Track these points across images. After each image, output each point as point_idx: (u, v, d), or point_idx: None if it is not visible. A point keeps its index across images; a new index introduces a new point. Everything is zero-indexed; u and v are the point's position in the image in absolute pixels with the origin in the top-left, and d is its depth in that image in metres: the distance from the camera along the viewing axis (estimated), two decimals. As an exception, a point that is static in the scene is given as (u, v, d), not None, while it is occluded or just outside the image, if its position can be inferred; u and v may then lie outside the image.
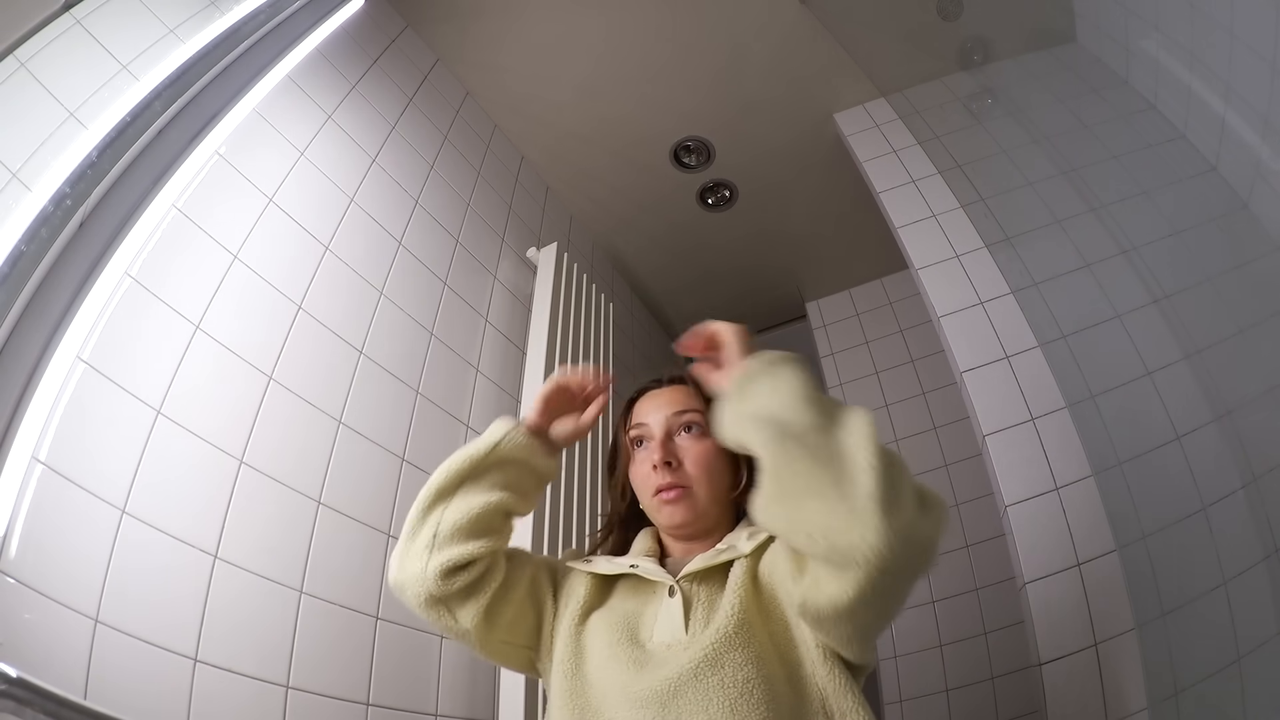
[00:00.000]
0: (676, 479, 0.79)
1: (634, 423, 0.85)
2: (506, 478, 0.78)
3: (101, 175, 0.91)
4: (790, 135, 2.24)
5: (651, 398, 0.86)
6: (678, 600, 0.73)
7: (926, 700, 1.94)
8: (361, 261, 1.39)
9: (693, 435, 0.82)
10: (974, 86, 1.98)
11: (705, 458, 0.80)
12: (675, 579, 0.75)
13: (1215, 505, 1.17)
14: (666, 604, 0.73)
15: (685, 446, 0.81)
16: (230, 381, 1.05)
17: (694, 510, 0.79)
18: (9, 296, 0.77)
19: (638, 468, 0.84)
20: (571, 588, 0.80)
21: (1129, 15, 1.44)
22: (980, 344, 1.57)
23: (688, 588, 0.74)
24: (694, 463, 0.80)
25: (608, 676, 0.69)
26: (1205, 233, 1.31)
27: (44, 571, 0.76)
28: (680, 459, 0.81)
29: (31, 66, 0.94)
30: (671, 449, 0.81)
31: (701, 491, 0.79)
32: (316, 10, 1.36)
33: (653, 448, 0.81)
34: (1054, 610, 1.28)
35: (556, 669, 0.74)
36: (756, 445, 0.61)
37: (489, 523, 0.74)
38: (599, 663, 0.70)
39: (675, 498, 0.79)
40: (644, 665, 0.68)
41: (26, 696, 0.58)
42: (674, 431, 0.82)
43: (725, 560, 0.74)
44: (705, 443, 0.81)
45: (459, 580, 0.71)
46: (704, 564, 0.74)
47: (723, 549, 0.75)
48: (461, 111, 1.94)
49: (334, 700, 1.02)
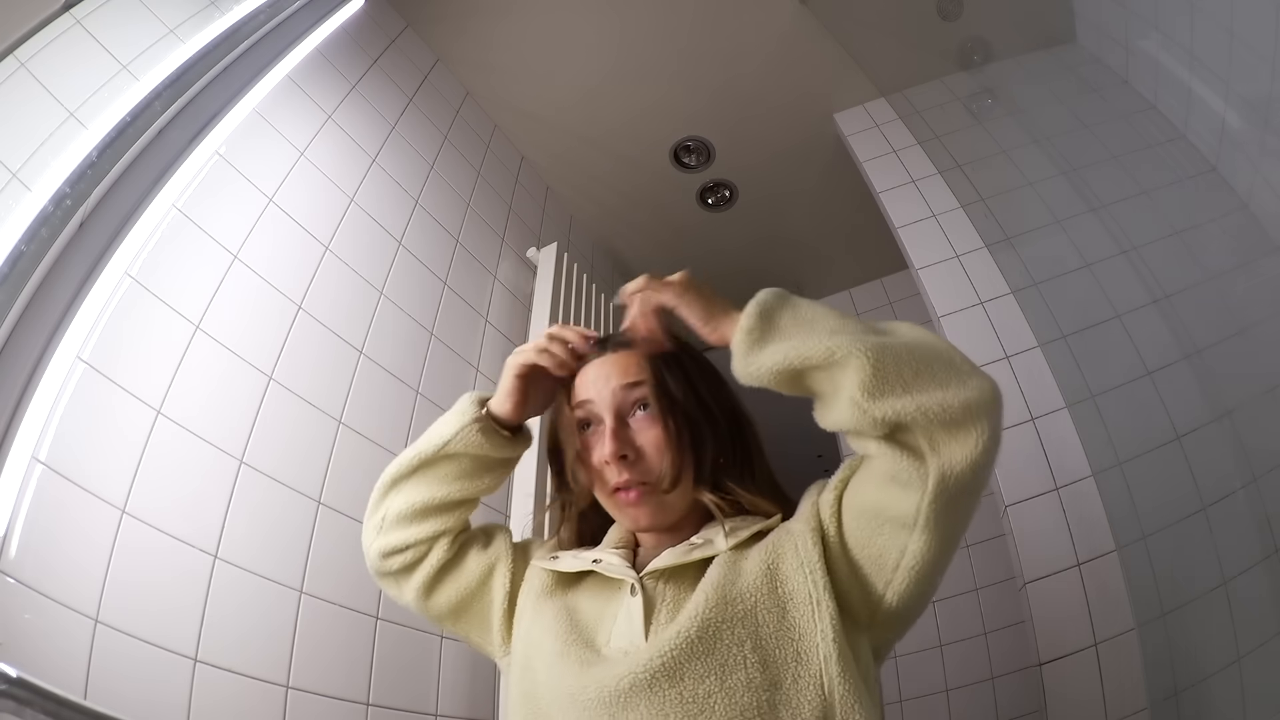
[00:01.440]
0: (636, 474, 0.68)
1: (577, 399, 0.73)
2: (460, 469, 0.75)
3: (101, 175, 0.91)
4: (790, 135, 2.24)
5: (595, 367, 0.74)
6: (639, 600, 0.64)
7: (926, 700, 1.94)
8: (361, 261, 1.39)
9: (649, 414, 0.70)
10: (974, 86, 1.98)
11: (662, 440, 0.69)
12: (638, 576, 0.66)
13: (1215, 505, 1.17)
14: (627, 604, 0.65)
15: (640, 429, 0.70)
16: (230, 381, 1.05)
17: (660, 508, 0.69)
18: (9, 296, 0.77)
19: (589, 456, 0.72)
20: (533, 581, 0.74)
21: (1129, 15, 1.44)
22: (980, 344, 1.57)
23: (652, 586, 0.65)
24: (655, 450, 0.69)
25: (557, 678, 0.63)
26: (1205, 233, 1.31)
27: (44, 571, 0.76)
28: (637, 448, 0.69)
29: (31, 66, 0.94)
30: (625, 438, 0.69)
31: (666, 482, 0.68)
32: (316, 10, 1.36)
33: (603, 434, 0.70)
34: (1054, 610, 1.28)
35: (514, 666, 0.70)
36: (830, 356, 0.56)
37: (432, 512, 0.74)
38: (550, 662, 0.64)
39: (636, 498, 0.68)
40: (593, 667, 0.61)
41: (26, 696, 0.58)
42: (625, 413, 0.71)
43: (699, 559, 0.65)
44: (662, 425, 0.69)
45: (395, 561, 0.75)
46: (672, 561, 0.65)
47: (697, 543, 0.67)
48: (461, 111, 1.94)
49: (334, 700, 1.02)
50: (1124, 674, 1.19)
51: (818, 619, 0.59)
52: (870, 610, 0.61)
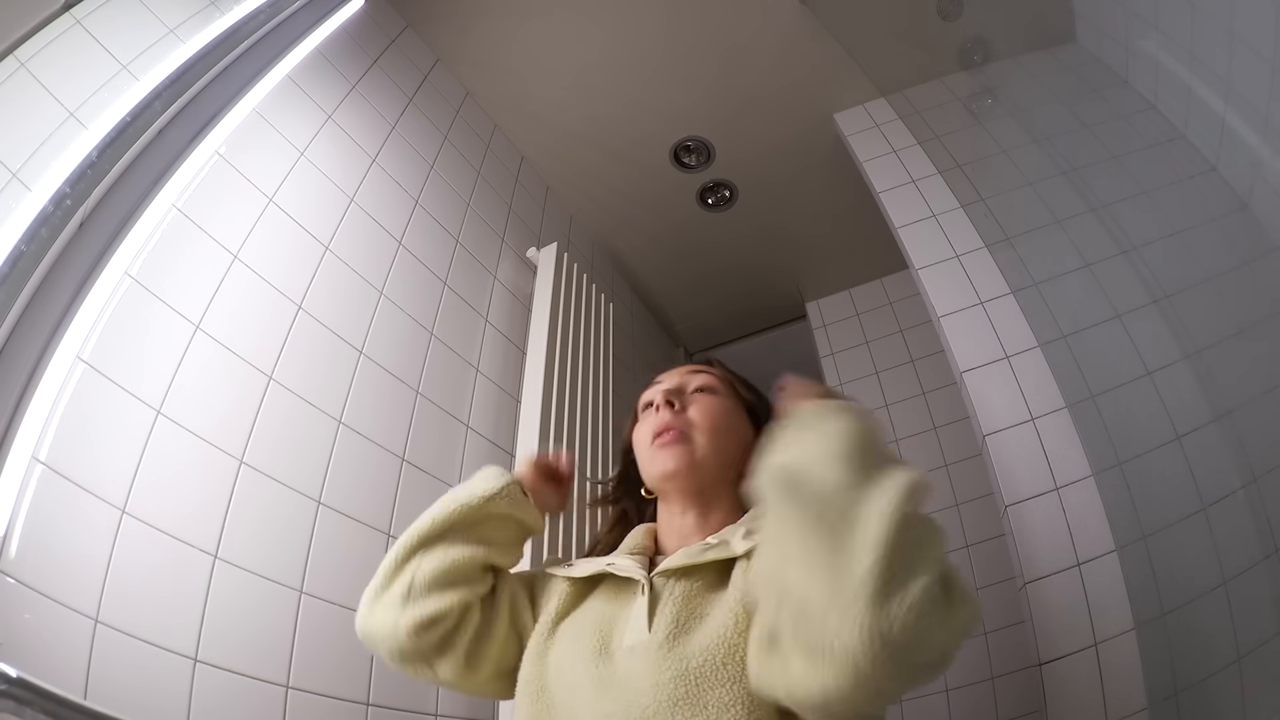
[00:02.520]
0: (677, 421, 0.74)
1: (649, 386, 0.81)
2: (493, 532, 0.71)
3: (101, 175, 0.91)
4: (790, 135, 2.24)
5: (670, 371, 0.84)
6: (647, 599, 0.64)
7: (926, 700, 1.94)
8: (361, 261, 1.39)
9: (706, 394, 0.78)
10: (974, 86, 1.98)
11: (714, 408, 0.76)
12: (648, 576, 0.66)
13: (1215, 505, 1.17)
14: (638, 602, 0.64)
15: (696, 401, 0.77)
16: (230, 381, 1.05)
17: (690, 458, 0.72)
18: (9, 296, 0.77)
19: (641, 427, 0.78)
20: (549, 596, 0.72)
21: (1129, 15, 1.44)
22: (980, 344, 1.57)
23: (661, 584, 0.65)
24: (700, 410, 0.75)
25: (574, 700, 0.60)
26: (1205, 233, 1.31)
27: (44, 571, 0.76)
28: (687, 403, 0.76)
29: (31, 66, 0.94)
30: (679, 393, 0.77)
31: (701, 439, 0.73)
32: (316, 10, 1.36)
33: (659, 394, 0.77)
34: (1054, 610, 1.28)
35: (521, 689, 0.65)
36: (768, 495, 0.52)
37: (468, 574, 0.68)
38: (566, 683, 0.62)
39: (671, 439, 0.72)
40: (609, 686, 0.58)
41: (26, 696, 0.58)
42: (686, 387, 0.79)
43: (713, 559, 0.64)
44: (717, 399, 0.77)
45: (432, 635, 0.65)
46: (685, 560, 0.65)
47: (712, 543, 0.66)
48: (461, 111, 1.94)
49: (334, 700, 1.02)
50: (1124, 674, 1.19)
51: None
52: None
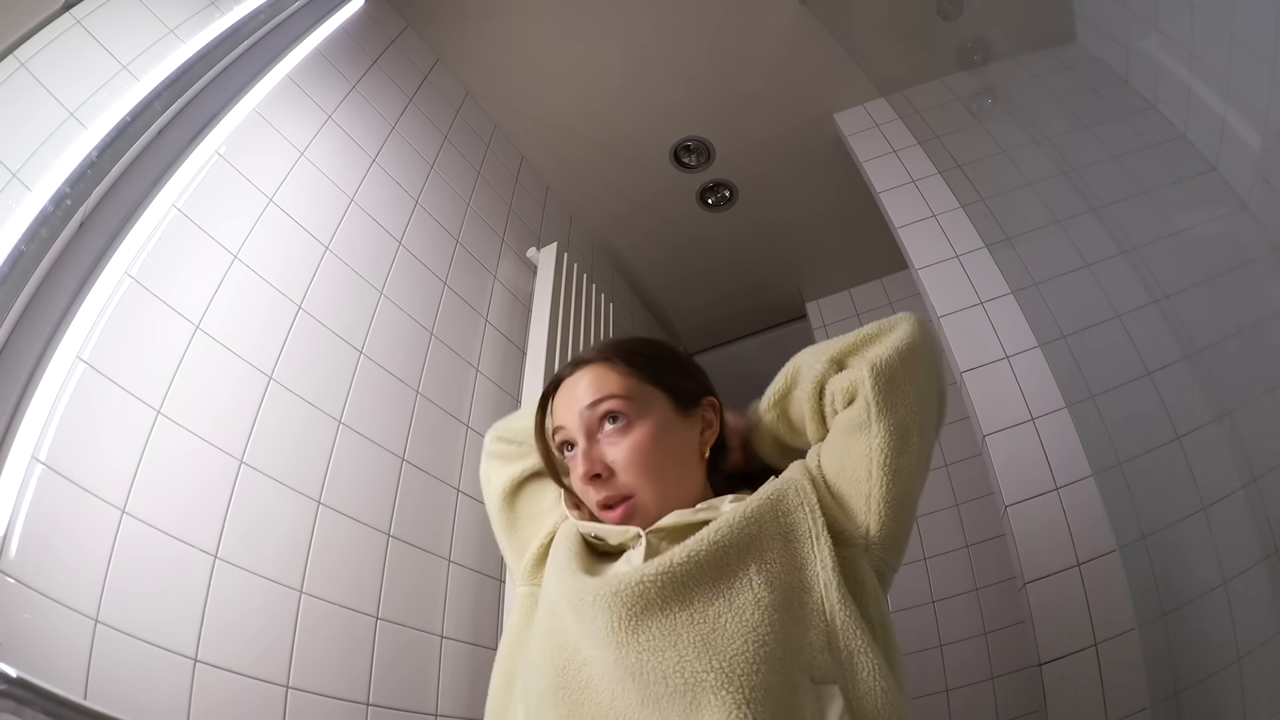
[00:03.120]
0: (612, 490, 0.71)
1: (553, 426, 0.76)
2: None
3: (101, 175, 0.91)
4: (790, 135, 2.24)
5: (563, 392, 0.77)
6: (641, 547, 0.67)
7: (926, 700, 1.94)
8: (361, 261, 1.39)
9: (619, 427, 0.72)
10: (974, 86, 1.98)
11: (638, 452, 0.71)
12: (644, 531, 0.69)
13: (1215, 505, 1.17)
14: (629, 553, 0.69)
15: (612, 443, 0.72)
16: (230, 381, 1.05)
17: (646, 512, 0.71)
18: (9, 296, 0.77)
19: (574, 480, 0.75)
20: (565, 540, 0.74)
21: (1129, 15, 1.44)
22: (980, 344, 1.57)
23: (655, 542, 0.68)
24: (627, 463, 0.71)
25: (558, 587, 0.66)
26: (1205, 232, 1.31)
27: (44, 571, 0.76)
28: (609, 465, 0.71)
29: (31, 66, 0.94)
30: (596, 456, 0.71)
31: (646, 493, 0.71)
32: (316, 10, 1.36)
33: (577, 457, 0.73)
34: (1054, 610, 1.28)
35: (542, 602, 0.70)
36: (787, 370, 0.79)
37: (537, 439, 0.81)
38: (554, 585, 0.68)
39: (621, 514, 0.71)
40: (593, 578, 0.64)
41: (26, 696, 0.58)
42: (594, 431, 0.73)
43: (703, 519, 0.68)
44: (636, 431, 0.71)
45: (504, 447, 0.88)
46: (676, 520, 0.68)
47: (702, 508, 0.70)
48: (461, 111, 1.94)
49: (334, 700, 1.02)
50: (1124, 674, 1.19)
51: (816, 550, 0.64)
52: (863, 531, 0.67)
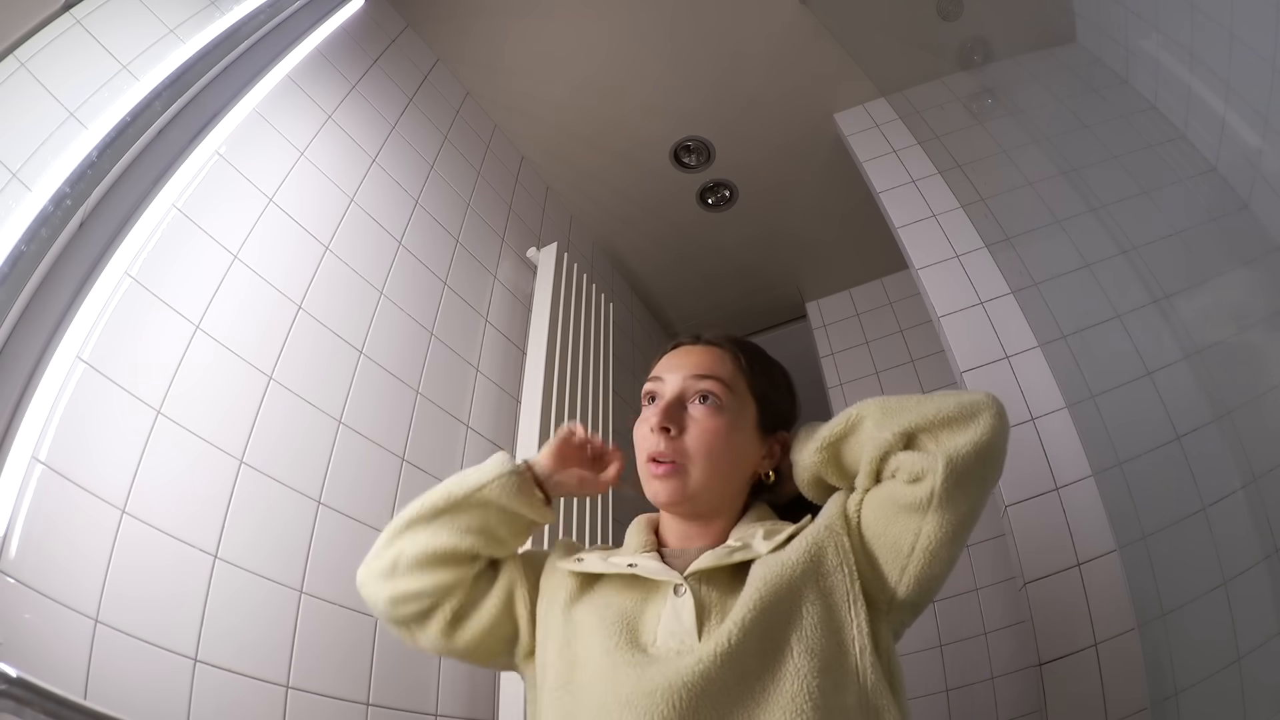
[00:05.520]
0: (672, 451, 0.72)
1: (652, 375, 0.78)
2: (485, 521, 0.73)
3: (101, 175, 0.91)
4: (790, 135, 2.24)
5: (678, 354, 0.79)
6: (688, 600, 0.65)
7: (926, 700, 1.94)
8: (361, 261, 1.39)
9: (708, 407, 0.73)
10: (974, 86, 1.98)
11: (712, 435, 0.72)
12: (683, 576, 0.67)
13: (1215, 505, 1.17)
14: (673, 603, 0.66)
15: (695, 417, 0.73)
16: (230, 381, 1.05)
17: (682, 491, 0.72)
18: (9, 296, 0.77)
19: (640, 425, 0.76)
20: (555, 586, 0.73)
21: (1129, 15, 1.44)
22: (980, 344, 1.57)
23: (697, 587, 0.66)
24: (697, 438, 0.72)
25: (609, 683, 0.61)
26: (1205, 233, 1.30)
27: (44, 571, 0.76)
28: (683, 427, 0.73)
29: (31, 66, 0.94)
30: (676, 414, 0.73)
31: (696, 472, 0.72)
32: (316, 10, 1.36)
33: (659, 406, 0.74)
34: (1054, 610, 1.28)
35: (546, 678, 0.67)
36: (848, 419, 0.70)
37: (449, 562, 0.71)
38: (598, 668, 0.63)
39: (664, 473, 0.71)
40: (649, 668, 0.60)
41: (26, 696, 0.58)
42: (688, 397, 0.74)
43: (740, 560, 0.67)
44: (718, 419, 0.73)
45: (408, 609, 0.72)
46: (713, 563, 0.67)
47: (735, 547, 0.68)
48: (461, 111, 1.94)
49: (334, 700, 1.02)
50: (1124, 674, 1.19)
51: (854, 613, 0.64)
52: (888, 597, 0.66)
